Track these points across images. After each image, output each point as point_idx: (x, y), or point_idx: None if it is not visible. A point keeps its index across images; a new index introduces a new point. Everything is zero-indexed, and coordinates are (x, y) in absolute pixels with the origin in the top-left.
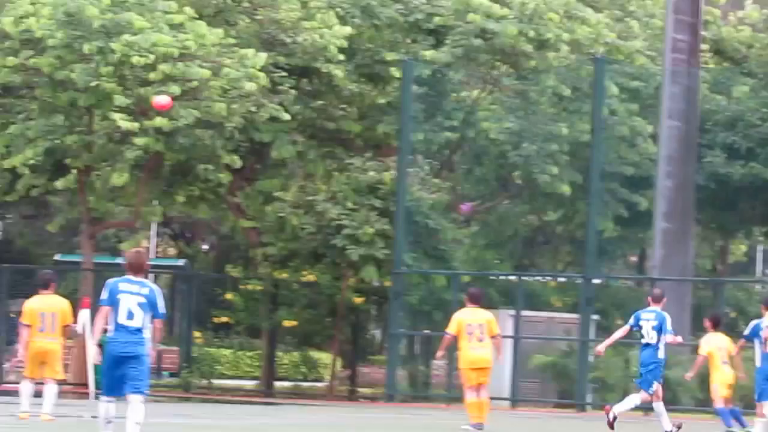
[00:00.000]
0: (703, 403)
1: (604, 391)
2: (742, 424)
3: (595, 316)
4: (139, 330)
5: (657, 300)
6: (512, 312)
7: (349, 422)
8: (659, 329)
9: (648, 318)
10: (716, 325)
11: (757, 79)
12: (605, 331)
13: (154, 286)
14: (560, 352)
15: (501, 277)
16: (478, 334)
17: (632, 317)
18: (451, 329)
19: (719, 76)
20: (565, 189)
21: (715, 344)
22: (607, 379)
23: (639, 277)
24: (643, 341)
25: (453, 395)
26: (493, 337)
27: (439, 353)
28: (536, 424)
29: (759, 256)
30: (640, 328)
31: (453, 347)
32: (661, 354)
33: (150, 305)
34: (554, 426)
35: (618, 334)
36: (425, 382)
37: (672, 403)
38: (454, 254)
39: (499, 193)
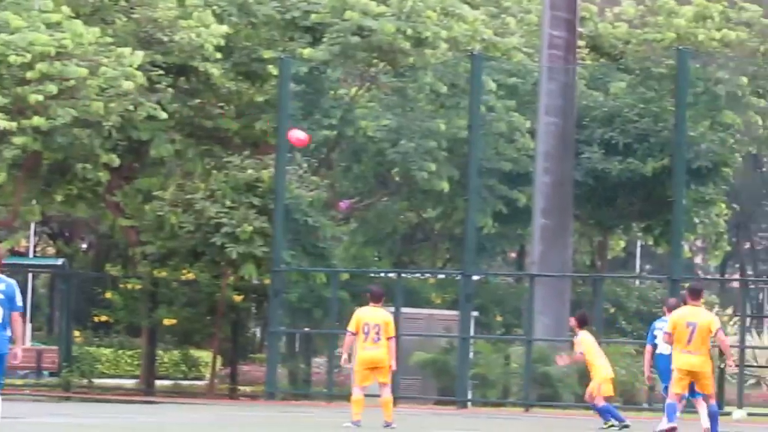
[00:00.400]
0: (582, 399)
1: (484, 388)
2: (619, 419)
3: (474, 313)
4: (1, 326)
5: (672, 310)
6: (392, 309)
7: (230, 420)
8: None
9: (661, 327)
10: (583, 324)
11: (634, 75)
12: (485, 327)
13: (11, 281)
14: (440, 348)
15: (380, 274)
16: (373, 334)
17: (649, 332)
18: (351, 327)
19: (596, 73)
20: (444, 186)
21: (589, 341)
22: (488, 375)
23: (518, 273)
24: (657, 351)
25: (333, 393)
26: (388, 339)
27: (344, 357)
28: (417, 421)
29: (637, 252)
30: (655, 337)
31: (333, 346)
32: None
33: (8, 300)
34: (435, 423)
35: (647, 356)
36: (306, 380)
37: (553, 399)
38: (333, 252)
39: (378, 190)
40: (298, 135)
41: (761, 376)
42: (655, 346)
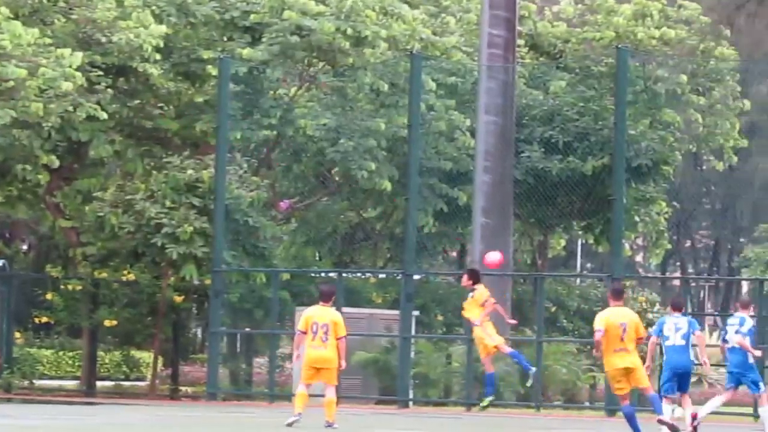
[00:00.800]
0: (524, 398)
1: (426, 387)
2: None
3: (415, 312)
4: None
5: (745, 306)
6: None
7: (171, 421)
8: (737, 332)
9: (733, 323)
10: (477, 280)
11: (574, 73)
12: (426, 326)
13: None
14: (381, 348)
15: (321, 274)
16: (321, 334)
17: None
18: (301, 326)
19: (536, 71)
20: (385, 185)
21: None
22: (429, 374)
23: (459, 272)
24: (728, 346)
25: (275, 393)
26: (338, 338)
27: (295, 354)
28: (358, 420)
29: (578, 250)
30: (726, 333)
31: (275, 346)
32: (749, 358)
33: None
34: (376, 422)
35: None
36: (247, 380)
37: (494, 398)
38: (273, 252)
39: (318, 190)
40: (493, 258)
41: (702, 374)
42: (726, 341)
